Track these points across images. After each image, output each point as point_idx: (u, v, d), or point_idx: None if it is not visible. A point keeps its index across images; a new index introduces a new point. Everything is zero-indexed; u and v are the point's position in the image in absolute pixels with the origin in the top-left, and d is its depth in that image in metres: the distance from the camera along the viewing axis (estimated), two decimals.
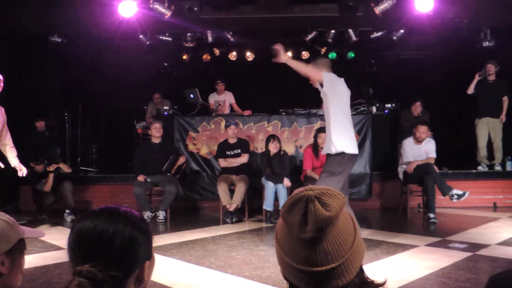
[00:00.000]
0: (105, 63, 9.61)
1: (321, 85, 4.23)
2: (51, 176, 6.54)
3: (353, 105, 8.22)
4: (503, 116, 7.54)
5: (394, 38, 8.80)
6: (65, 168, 6.98)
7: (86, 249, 1.00)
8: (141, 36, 8.51)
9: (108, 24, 6.97)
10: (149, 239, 1.08)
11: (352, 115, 7.54)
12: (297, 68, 4.19)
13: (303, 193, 0.96)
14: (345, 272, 0.94)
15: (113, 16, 6.65)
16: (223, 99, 8.60)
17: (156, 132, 6.79)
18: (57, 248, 4.66)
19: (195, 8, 6.85)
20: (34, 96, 8.34)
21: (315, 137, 6.44)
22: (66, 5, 6.85)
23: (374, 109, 7.96)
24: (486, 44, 8.16)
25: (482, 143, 7.65)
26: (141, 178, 6.49)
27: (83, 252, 1.00)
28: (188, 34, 8.78)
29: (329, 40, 9.04)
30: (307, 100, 8.95)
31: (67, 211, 6.58)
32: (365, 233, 5.27)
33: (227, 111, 8.49)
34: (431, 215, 6.07)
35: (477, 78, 7.58)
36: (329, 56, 10.23)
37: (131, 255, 1.02)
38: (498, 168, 7.65)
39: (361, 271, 1.00)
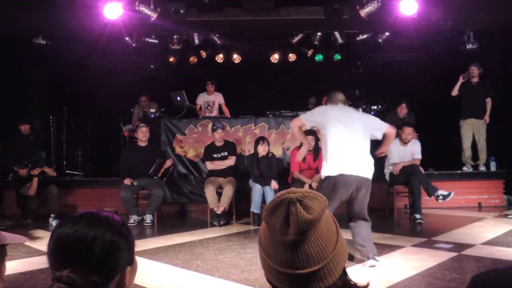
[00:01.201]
0: (91, 65, 9.53)
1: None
2: (36, 180, 6.46)
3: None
4: (486, 117, 7.63)
5: (380, 40, 8.87)
6: (50, 172, 6.91)
7: (65, 254, 0.99)
8: (127, 38, 8.45)
9: (93, 26, 6.91)
10: (131, 244, 1.07)
11: None
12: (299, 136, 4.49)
13: (285, 196, 0.96)
14: (328, 274, 0.94)
15: (98, 18, 6.60)
16: (213, 99, 8.57)
17: (142, 136, 6.75)
18: (42, 253, 4.60)
19: (181, 11, 6.82)
20: (18, 99, 8.23)
21: None
22: (49, 7, 6.78)
23: (360, 110, 8.00)
24: (469, 46, 8.25)
25: (466, 144, 7.74)
26: (127, 181, 6.44)
27: (62, 258, 0.99)
28: (175, 37, 8.75)
29: (316, 42, 9.09)
30: (294, 102, 9.01)
31: (52, 215, 6.51)
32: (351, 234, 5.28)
33: (215, 111, 8.47)
34: (417, 216, 6.13)
35: (461, 80, 7.67)
36: (316, 58, 10.30)
37: (111, 260, 1.01)
38: (482, 168, 7.74)
39: (344, 273, 1.00)
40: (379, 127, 4.17)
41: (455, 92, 7.71)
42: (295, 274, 0.93)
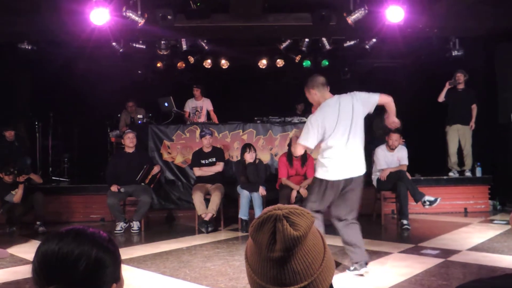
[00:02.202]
0: (78, 71, 9.47)
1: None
2: (21, 187, 6.38)
3: None
4: (472, 124, 7.72)
5: (367, 47, 8.94)
6: (35, 179, 6.83)
7: (50, 272, 0.97)
8: (114, 44, 8.41)
9: (79, 32, 6.86)
10: (117, 260, 1.06)
11: None
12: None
13: (272, 212, 0.96)
14: None
15: (84, 24, 6.55)
16: (201, 105, 8.53)
17: (129, 142, 6.70)
18: (27, 262, 4.54)
19: (169, 16, 6.81)
20: (2, 105, 8.13)
21: (290, 145, 6.47)
22: (35, 12, 6.72)
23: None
24: (455, 53, 8.36)
25: (452, 149, 7.82)
26: (114, 188, 6.39)
27: (47, 275, 0.98)
28: (162, 42, 8.74)
29: (303, 48, 9.14)
30: (282, 108, 9.03)
31: (38, 222, 6.42)
32: (337, 240, 5.29)
33: (204, 117, 8.44)
34: (405, 222, 6.18)
35: (447, 86, 7.76)
36: (304, 64, 10.35)
37: (96, 277, 1.00)
38: (468, 174, 7.83)
39: None
40: (372, 102, 4.08)
41: (441, 98, 7.80)
42: None
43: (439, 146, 8.26)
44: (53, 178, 8.55)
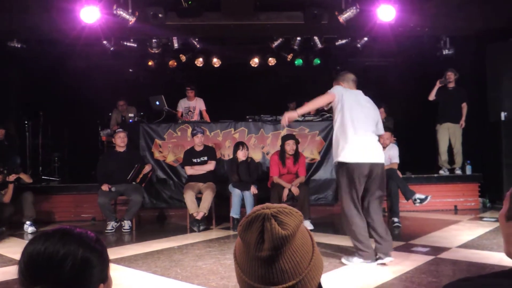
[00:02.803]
0: (68, 69, 9.39)
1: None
2: (11, 186, 6.32)
3: (319, 111, 8.33)
4: (462, 122, 7.79)
5: (358, 45, 8.98)
6: (25, 178, 6.77)
7: (36, 272, 0.97)
8: (104, 42, 8.37)
9: (69, 30, 6.82)
10: (104, 260, 1.05)
11: (318, 121, 7.72)
12: (311, 108, 4.35)
13: (260, 212, 0.96)
14: None
15: (74, 22, 6.51)
16: (194, 105, 8.52)
17: (120, 142, 6.67)
18: (16, 262, 4.47)
19: (160, 15, 6.79)
20: None
21: (282, 144, 6.47)
22: (24, 10, 6.66)
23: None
24: (445, 52, 8.43)
25: (443, 148, 7.88)
26: (105, 187, 6.36)
27: (32, 276, 0.97)
28: (154, 40, 8.70)
29: (295, 47, 9.15)
30: (274, 106, 9.02)
31: (27, 222, 6.36)
32: (331, 239, 5.32)
33: (196, 117, 8.42)
34: (395, 219, 6.21)
35: (438, 85, 7.81)
36: (296, 62, 10.36)
37: (83, 277, 0.99)
38: (458, 172, 7.89)
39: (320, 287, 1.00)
40: (380, 127, 4.30)
41: (432, 97, 7.85)
42: None
43: (429, 145, 8.32)
44: (43, 177, 8.48)
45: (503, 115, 7.45)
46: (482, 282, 1.05)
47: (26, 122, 8.57)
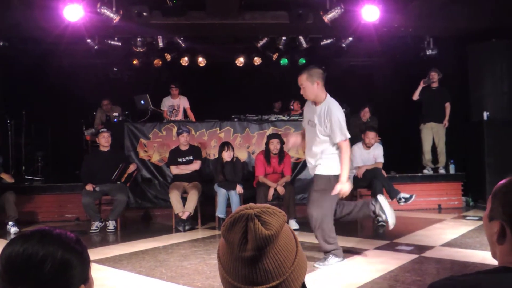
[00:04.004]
0: (51, 67, 9.26)
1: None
2: None
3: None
4: (446, 122, 7.87)
5: (343, 45, 9.03)
6: (7, 178, 6.66)
7: (14, 274, 0.95)
8: (88, 41, 8.27)
9: (52, 28, 6.72)
10: (85, 261, 1.04)
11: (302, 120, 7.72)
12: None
13: (243, 212, 0.95)
14: None
15: (57, 20, 6.41)
16: (178, 103, 8.46)
17: (104, 142, 6.60)
18: None
19: (144, 13, 6.72)
20: None
21: (267, 143, 6.47)
22: (4, 8, 6.55)
23: None
24: (429, 52, 8.51)
25: (426, 147, 7.96)
26: (89, 187, 6.29)
27: (11, 278, 0.95)
28: (138, 39, 8.63)
29: (281, 46, 9.16)
30: (259, 106, 9.03)
31: (10, 223, 6.24)
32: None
33: (180, 116, 8.37)
34: (380, 219, 6.24)
35: (421, 85, 7.88)
36: (281, 62, 10.38)
37: (63, 279, 0.97)
38: (442, 171, 7.97)
39: (303, 287, 1.00)
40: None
41: (416, 96, 7.92)
42: None
43: (414, 144, 8.40)
44: (26, 177, 8.35)
45: (485, 114, 7.57)
46: (465, 280, 1.06)
47: (8, 121, 8.42)
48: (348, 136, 4.05)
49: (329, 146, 4.10)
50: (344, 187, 3.97)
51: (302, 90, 4.21)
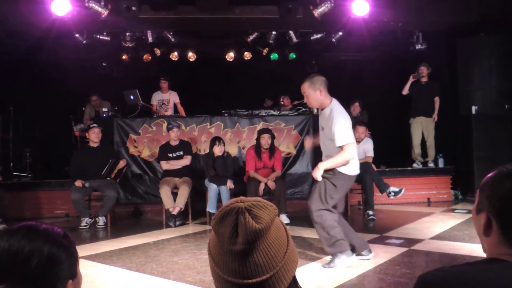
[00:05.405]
0: (39, 62, 9.15)
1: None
2: None
3: (294, 106, 8.35)
4: (435, 116, 7.92)
5: (333, 40, 9.03)
6: None
7: (0, 270, 0.93)
8: (77, 35, 8.18)
9: (39, 22, 6.64)
10: (73, 256, 1.02)
11: (293, 115, 7.74)
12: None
13: (234, 205, 0.95)
14: (277, 283, 0.94)
15: (45, 14, 6.34)
16: (167, 98, 8.39)
17: (94, 137, 6.54)
18: None
19: (133, 8, 6.66)
20: None
21: (258, 138, 6.47)
22: None
23: (315, 109, 8.12)
24: (418, 47, 8.56)
25: (416, 141, 8.01)
26: (78, 183, 6.24)
27: None
28: (127, 34, 8.55)
29: (271, 41, 9.13)
30: (250, 101, 9.01)
31: None
32: (307, 232, 5.36)
33: (170, 110, 8.32)
34: (370, 212, 6.30)
35: (411, 79, 7.93)
36: (271, 57, 10.35)
37: (50, 274, 0.96)
38: (431, 165, 8.03)
39: (294, 281, 1.00)
40: None
41: (405, 91, 7.96)
42: (243, 284, 0.92)
43: (403, 138, 8.45)
44: (14, 173, 8.26)
45: (473, 108, 7.62)
46: (455, 271, 1.07)
47: None
48: (350, 141, 3.92)
49: (338, 149, 4.07)
50: (317, 172, 3.97)
51: (305, 98, 4.21)
